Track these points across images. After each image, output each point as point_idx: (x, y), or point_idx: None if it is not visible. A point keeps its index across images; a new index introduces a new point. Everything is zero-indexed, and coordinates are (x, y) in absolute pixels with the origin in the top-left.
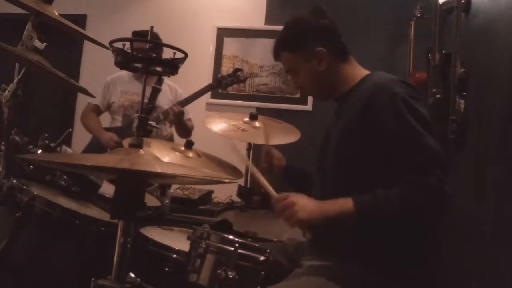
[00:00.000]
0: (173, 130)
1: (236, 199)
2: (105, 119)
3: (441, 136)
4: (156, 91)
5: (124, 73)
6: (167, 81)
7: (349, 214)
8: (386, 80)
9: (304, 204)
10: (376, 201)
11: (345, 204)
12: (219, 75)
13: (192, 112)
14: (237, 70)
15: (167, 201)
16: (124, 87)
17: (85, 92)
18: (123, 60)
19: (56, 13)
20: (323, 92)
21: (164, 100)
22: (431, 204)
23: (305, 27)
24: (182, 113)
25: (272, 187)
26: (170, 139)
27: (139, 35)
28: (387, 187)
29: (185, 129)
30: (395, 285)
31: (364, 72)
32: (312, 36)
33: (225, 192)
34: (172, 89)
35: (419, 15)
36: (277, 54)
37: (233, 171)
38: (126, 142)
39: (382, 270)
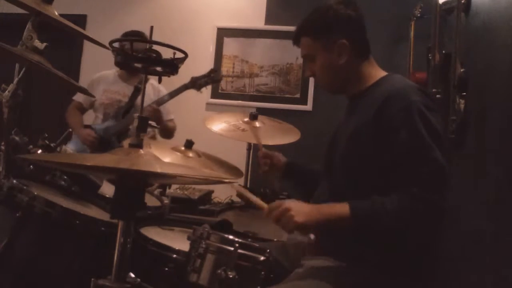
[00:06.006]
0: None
1: (236, 199)
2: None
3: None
4: (137, 91)
5: (110, 72)
6: (152, 80)
7: (345, 219)
8: (403, 86)
9: (299, 208)
10: (372, 210)
11: (342, 208)
12: (194, 76)
13: (192, 112)
14: (212, 71)
15: (167, 201)
16: (107, 85)
17: (85, 92)
18: (123, 60)
19: (56, 13)
20: (335, 85)
21: (145, 100)
22: (428, 221)
23: (333, 16)
24: (157, 112)
25: (262, 201)
26: (152, 138)
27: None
28: (387, 196)
29: (165, 130)
30: (397, 287)
31: (381, 73)
32: (338, 27)
33: (225, 192)
34: (155, 89)
35: (419, 15)
36: (297, 38)
37: (233, 171)
38: (126, 142)
39: (385, 272)
